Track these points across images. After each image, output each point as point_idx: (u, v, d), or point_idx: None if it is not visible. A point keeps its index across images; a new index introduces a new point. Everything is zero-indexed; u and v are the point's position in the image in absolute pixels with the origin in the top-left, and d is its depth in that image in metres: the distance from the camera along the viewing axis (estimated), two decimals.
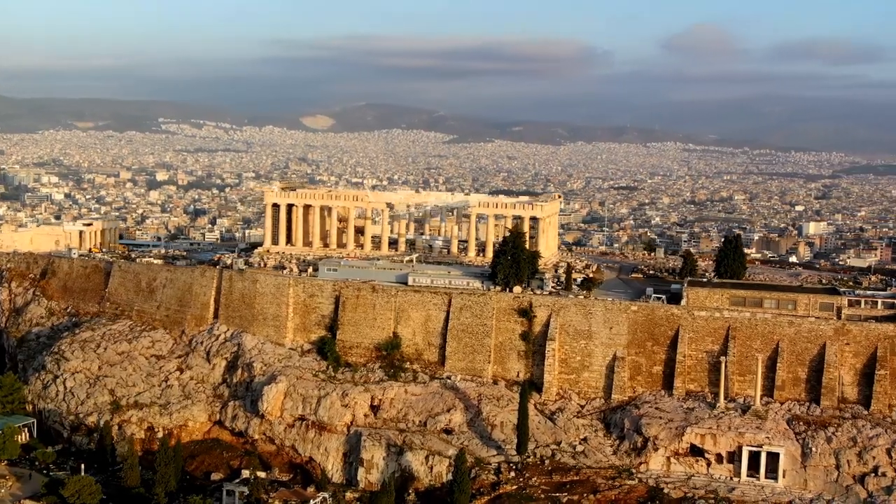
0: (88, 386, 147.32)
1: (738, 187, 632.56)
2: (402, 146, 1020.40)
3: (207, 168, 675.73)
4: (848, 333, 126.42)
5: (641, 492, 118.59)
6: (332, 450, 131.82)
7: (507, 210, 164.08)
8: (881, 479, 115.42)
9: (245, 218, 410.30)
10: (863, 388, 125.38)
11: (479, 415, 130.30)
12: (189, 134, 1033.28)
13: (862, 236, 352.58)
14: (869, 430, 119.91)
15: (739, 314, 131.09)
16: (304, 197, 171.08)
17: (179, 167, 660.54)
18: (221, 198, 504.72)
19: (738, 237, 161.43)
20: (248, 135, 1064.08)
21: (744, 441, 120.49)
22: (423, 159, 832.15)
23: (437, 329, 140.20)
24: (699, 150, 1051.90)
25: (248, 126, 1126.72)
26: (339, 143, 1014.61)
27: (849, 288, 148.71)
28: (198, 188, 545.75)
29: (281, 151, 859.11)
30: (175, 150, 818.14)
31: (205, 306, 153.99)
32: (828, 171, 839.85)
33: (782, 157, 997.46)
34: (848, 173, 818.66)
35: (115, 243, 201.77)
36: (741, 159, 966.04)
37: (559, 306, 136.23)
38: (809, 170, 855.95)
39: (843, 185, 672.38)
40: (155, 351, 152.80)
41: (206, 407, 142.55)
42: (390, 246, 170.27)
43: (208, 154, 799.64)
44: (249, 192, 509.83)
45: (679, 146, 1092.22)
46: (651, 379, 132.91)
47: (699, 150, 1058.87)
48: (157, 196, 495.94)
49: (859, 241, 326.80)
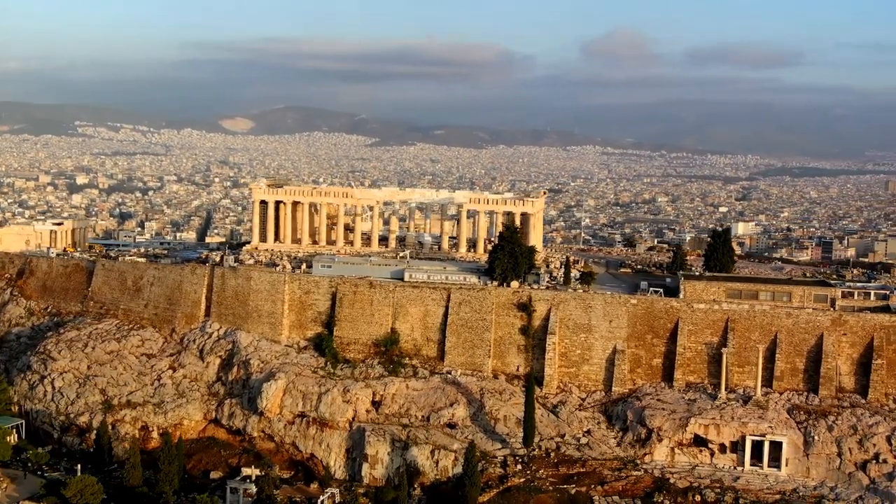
0: (78, 386, 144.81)
1: (660, 189, 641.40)
2: (323, 149, 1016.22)
3: (127, 171, 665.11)
4: (845, 324, 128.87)
5: (648, 482, 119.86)
6: (334, 446, 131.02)
7: (499, 206, 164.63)
8: (882, 466, 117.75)
9: (174, 221, 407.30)
10: (860, 377, 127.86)
11: (482, 409, 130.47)
12: (106, 137, 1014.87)
13: (790, 236, 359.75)
14: (868, 418, 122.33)
15: (738, 306, 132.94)
16: (293, 194, 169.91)
17: (99, 170, 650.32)
18: (146, 201, 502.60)
19: (726, 231, 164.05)
20: (166, 138, 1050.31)
21: (747, 431, 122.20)
22: (347, 162, 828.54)
23: (435, 324, 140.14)
24: (618, 154, 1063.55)
25: (165, 129, 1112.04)
26: (259, 146, 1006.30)
27: (834, 280, 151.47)
28: (120, 191, 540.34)
29: (201, 154, 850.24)
30: (93, 154, 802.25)
31: (196, 304, 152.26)
32: (744, 174, 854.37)
33: (699, 159, 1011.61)
34: (764, 175, 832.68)
35: (85, 243, 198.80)
36: (659, 162, 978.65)
37: (558, 300, 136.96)
38: (726, 172, 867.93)
39: (762, 187, 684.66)
40: (145, 350, 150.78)
41: (202, 405, 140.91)
42: (380, 242, 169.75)
43: (127, 157, 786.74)
44: (174, 196, 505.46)
45: (598, 150, 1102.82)
46: (651, 371, 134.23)
47: (617, 153, 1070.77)
48: (80, 199, 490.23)
49: (789, 241, 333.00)
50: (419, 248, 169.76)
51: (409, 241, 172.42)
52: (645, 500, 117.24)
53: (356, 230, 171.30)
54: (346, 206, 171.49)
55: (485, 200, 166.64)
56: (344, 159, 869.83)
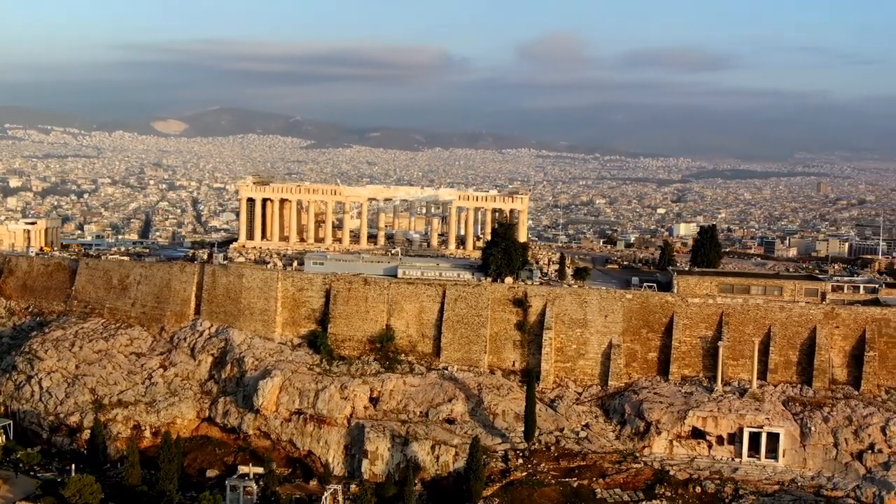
0: (67, 385, 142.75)
1: (596, 192, 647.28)
2: (258, 151, 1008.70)
3: (60, 174, 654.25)
4: (837, 317, 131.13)
5: (648, 475, 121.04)
6: (332, 443, 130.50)
7: (488, 203, 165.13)
8: (878, 456, 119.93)
9: (113, 224, 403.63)
10: (852, 369, 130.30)
11: (481, 404, 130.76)
12: (36, 140, 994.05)
13: (731, 236, 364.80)
14: (862, 409, 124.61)
15: (732, 300, 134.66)
16: (280, 191, 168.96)
17: (31, 173, 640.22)
18: (82, 203, 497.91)
19: (713, 227, 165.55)
20: (97, 140, 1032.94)
21: (744, 423, 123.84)
22: (282, 164, 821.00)
23: (430, 320, 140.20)
24: (552, 156, 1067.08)
25: (97, 131, 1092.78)
26: (193, 149, 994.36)
27: (820, 275, 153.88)
28: (54, 194, 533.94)
29: (134, 157, 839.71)
30: (24, 157, 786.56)
31: (185, 302, 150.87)
32: (677, 176, 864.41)
33: (632, 162, 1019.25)
34: (696, 178, 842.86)
35: (59, 242, 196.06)
36: (593, 165, 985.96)
37: (554, 296, 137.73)
38: (659, 175, 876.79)
39: (696, 189, 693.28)
40: (134, 348, 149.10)
41: (195, 404, 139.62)
42: (369, 240, 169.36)
43: (59, 160, 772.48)
44: (110, 198, 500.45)
45: (533, 152, 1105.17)
46: (646, 365, 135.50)
47: (552, 156, 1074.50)
48: (16, 202, 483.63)
49: (732, 241, 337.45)
50: (408, 246, 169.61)
51: (397, 239, 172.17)
52: (646, 492, 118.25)
53: (344, 227, 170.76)
54: (334, 203, 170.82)
55: (474, 198, 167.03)
56: (280, 161, 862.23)
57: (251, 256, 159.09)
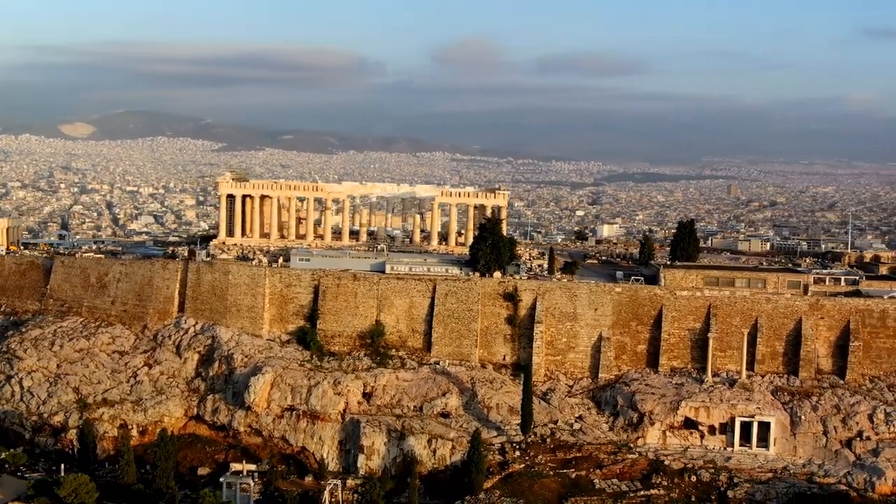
0: (49, 385, 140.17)
1: (513, 194, 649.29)
2: (168, 154, 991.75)
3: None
4: (822, 308, 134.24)
5: (643, 465, 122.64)
6: (326, 438, 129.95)
7: (471, 199, 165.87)
8: (867, 443, 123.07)
9: (29, 227, 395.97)
10: (837, 359, 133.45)
11: (475, 398, 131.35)
12: None
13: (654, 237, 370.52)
14: (849, 397, 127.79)
15: (720, 293, 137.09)
16: (261, 188, 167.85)
17: None
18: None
19: (691, 222, 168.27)
20: (3, 143, 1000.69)
21: (736, 412, 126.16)
22: (194, 167, 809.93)
23: (421, 315, 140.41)
24: (467, 160, 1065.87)
25: (3, 135, 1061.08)
26: (101, 152, 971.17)
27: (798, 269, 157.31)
28: None
29: (41, 160, 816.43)
30: None
31: (168, 300, 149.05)
32: (589, 179, 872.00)
33: (544, 166, 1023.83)
34: (608, 181, 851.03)
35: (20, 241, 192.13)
36: (507, 168, 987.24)
37: (544, 290, 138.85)
38: (572, 178, 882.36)
39: (609, 192, 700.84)
40: (116, 347, 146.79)
41: (182, 402, 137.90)
42: (350, 236, 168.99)
43: None
44: (22, 202, 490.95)
45: (447, 156, 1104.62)
46: (636, 357, 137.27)
47: (466, 159, 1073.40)
48: None
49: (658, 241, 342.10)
50: (391, 242, 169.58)
51: (379, 235, 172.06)
52: (643, 482, 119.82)
53: (326, 224, 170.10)
54: (315, 199, 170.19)
55: (456, 194, 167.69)
56: (191, 164, 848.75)
57: (233, 253, 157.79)
